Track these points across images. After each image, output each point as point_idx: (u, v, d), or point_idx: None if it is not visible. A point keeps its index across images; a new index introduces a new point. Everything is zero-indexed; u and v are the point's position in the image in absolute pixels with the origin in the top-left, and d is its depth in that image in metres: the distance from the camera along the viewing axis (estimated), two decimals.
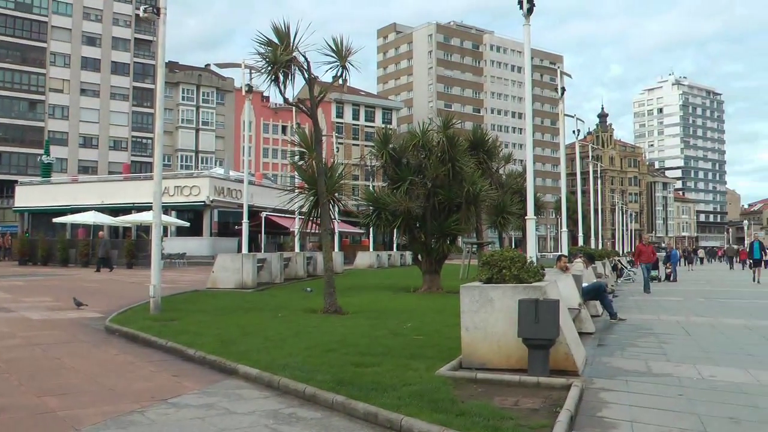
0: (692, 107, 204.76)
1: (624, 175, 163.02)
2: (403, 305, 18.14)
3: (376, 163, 25.52)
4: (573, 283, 13.68)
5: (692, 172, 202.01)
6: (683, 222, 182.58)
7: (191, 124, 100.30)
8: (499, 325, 8.81)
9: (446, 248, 24.35)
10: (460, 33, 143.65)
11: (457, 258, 38.37)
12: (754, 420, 6.95)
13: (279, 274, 27.65)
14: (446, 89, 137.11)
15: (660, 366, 9.87)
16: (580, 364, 9.09)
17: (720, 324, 15.64)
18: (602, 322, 15.58)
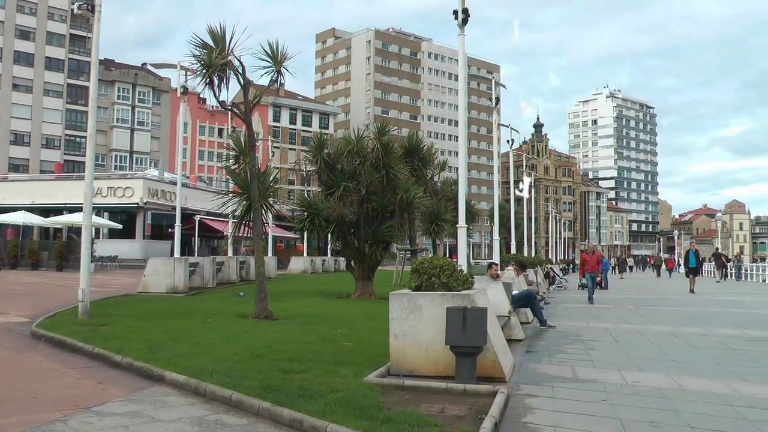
0: (626, 119, 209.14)
1: (558, 185, 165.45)
2: (335, 311, 18.14)
3: (311, 169, 25.45)
4: (503, 291, 13.82)
5: (625, 182, 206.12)
6: (616, 231, 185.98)
7: (126, 123, 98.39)
8: (428, 332, 8.85)
9: (379, 255, 24.39)
10: (398, 40, 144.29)
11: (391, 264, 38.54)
12: (674, 424, 7.10)
13: (211, 279, 27.37)
14: (384, 95, 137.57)
15: (586, 372, 10.03)
16: (507, 371, 9.18)
17: (647, 331, 15.97)
18: (532, 329, 15.77)
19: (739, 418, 7.46)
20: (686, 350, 12.86)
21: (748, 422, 7.28)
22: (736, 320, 19.26)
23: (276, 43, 16.40)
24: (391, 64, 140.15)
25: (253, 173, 16.66)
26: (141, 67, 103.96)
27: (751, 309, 23.59)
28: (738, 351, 12.87)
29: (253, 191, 16.46)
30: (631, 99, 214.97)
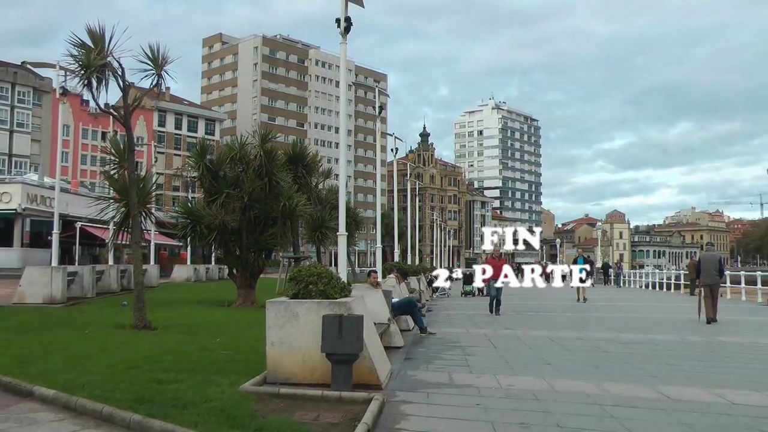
0: (511, 131, 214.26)
1: (444, 194, 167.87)
2: (215, 320, 17.88)
3: (193, 175, 25.05)
4: (383, 299, 13.91)
5: (510, 192, 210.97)
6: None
7: (5, 125, 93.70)
8: (305, 340, 8.83)
9: (261, 262, 24.16)
10: (286, 47, 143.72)
11: (275, 272, 38.24)
12: (543, 424, 7.30)
13: (91, 288, 26.52)
14: (271, 102, 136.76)
15: (462, 377, 10.19)
16: (383, 378, 9.24)
17: (525, 336, 16.35)
18: (413, 336, 15.87)
19: (606, 416, 7.72)
20: (562, 354, 13.22)
21: (614, 419, 7.55)
22: (613, 324, 19.95)
23: (157, 46, 16.06)
24: (279, 71, 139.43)
25: (131, 179, 16.25)
26: (21, 65, 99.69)
27: (627, 314, 24.51)
28: (611, 354, 13.34)
29: (132, 197, 16.04)
30: (516, 111, 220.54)
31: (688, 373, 10.99)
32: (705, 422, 7.55)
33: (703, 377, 10.54)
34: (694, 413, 7.96)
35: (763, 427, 7.39)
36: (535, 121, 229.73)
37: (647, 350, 14.03)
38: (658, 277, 52.93)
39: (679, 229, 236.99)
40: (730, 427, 7.37)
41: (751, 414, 7.98)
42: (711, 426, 7.42)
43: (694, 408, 8.24)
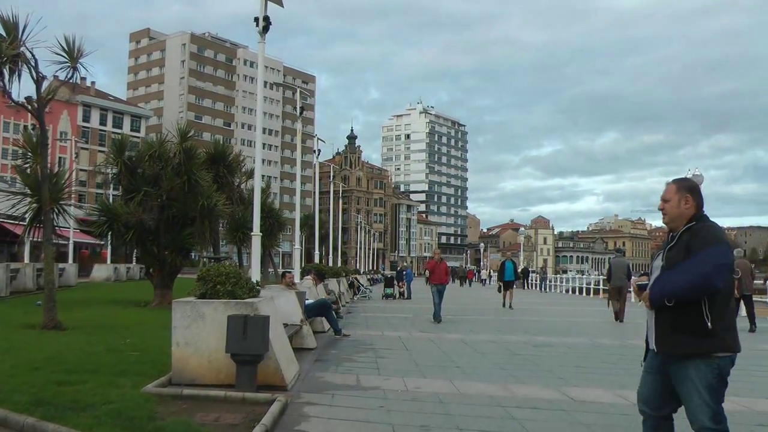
0: (438, 135, 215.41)
1: (370, 196, 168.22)
2: (129, 320, 17.51)
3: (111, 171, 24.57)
4: (296, 300, 13.86)
5: (436, 196, 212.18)
6: (425, 243, 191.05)
7: None
8: (211, 340, 8.73)
9: (179, 262, 23.78)
10: (214, 45, 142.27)
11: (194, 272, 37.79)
12: (444, 427, 7.32)
13: (5, 287, 25.80)
14: (198, 101, 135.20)
15: (370, 380, 10.20)
16: (289, 380, 9.19)
17: (439, 339, 16.43)
18: (326, 338, 15.86)
19: (507, 417, 7.81)
20: (473, 357, 13.34)
21: (515, 421, 7.64)
22: (527, 328, 20.23)
23: (72, 38, 15.69)
24: (206, 69, 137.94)
25: (44, 174, 15.84)
26: None
27: (544, 317, 24.89)
28: (522, 356, 13.53)
29: (44, 193, 15.64)
30: (443, 116, 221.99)
31: (594, 375, 11.25)
32: (603, 422, 7.70)
33: (608, 379, 10.78)
34: (594, 414, 8.12)
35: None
36: (463, 126, 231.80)
37: (558, 353, 14.28)
38: (579, 282, 54.06)
39: (602, 235, 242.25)
40: (627, 427, 7.48)
41: None
42: (609, 426, 7.58)
43: (595, 409, 8.41)
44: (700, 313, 4.43)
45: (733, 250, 5.58)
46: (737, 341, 4.60)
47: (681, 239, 4.65)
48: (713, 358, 4.47)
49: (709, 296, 4.42)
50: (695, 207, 4.73)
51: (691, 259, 4.47)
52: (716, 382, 4.49)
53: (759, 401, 9.21)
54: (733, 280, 4.51)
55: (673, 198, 4.76)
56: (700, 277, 4.36)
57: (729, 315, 4.56)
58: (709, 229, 4.58)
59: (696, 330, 4.44)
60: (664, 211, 4.81)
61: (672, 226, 4.79)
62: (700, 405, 4.50)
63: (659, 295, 4.57)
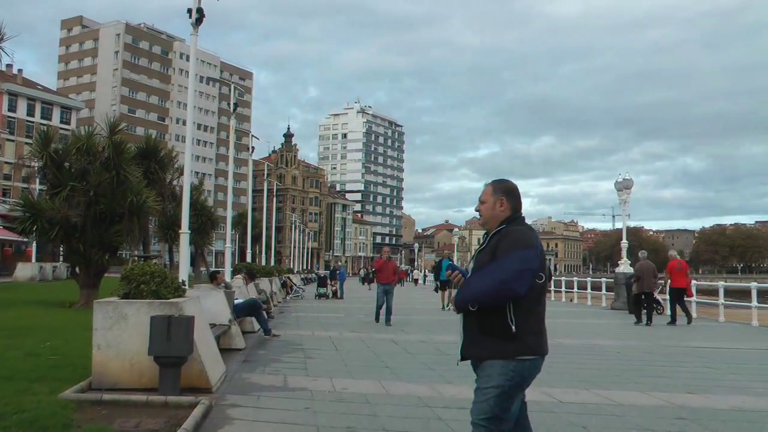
0: (375, 135, 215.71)
1: (306, 195, 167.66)
2: (52, 322, 16.86)
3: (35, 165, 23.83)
4: (224, 300, 13.63)
5: (371, 196, 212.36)
6: (360, 243, 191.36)
7: None
8: (133, 342, 8.47)
9: (106, 261, 23.10)
10: (150, 36, 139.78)
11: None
12: (369, 428, 7.27)
13: None
14: (132, 94, 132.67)
15: (297, 380, 10.06)
16: (214, 382, 9.00)
17: (369, 339, 16.36)
18: (256, 338, 15.68)
19: (434, 418, 7.79)
20: (403, 357, 13.30)
21: (441, 421, 7.63)
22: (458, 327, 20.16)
23: None
24: (141, 61, 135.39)
25: None
26: None
27: None
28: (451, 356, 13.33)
29: None
30: (381, 116, 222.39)
31: None
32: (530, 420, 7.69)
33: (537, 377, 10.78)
34: None
35: (585, 422, 7.66)
36: (400, 126, 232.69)
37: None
38: None
39: None
40: (554, 424, 7.59)
41: (575, 411, 8.25)
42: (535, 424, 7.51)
43: None
44: (504, 316, 4.34)
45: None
46: (542, 344, 4.54)
47: (490, 242, 4.55)
48: (513, 361, 4.38)
49: (513, 301, 4.34)
50: (510, 209, 4.62)
51: (495, 264, 4.37)
52: (509, 386, 4.41)
53: (679, 395, 9.39)
54: (539, 284, 4.39)
55: (489, 200, 4.65)
56: (501, 283, 4.27)
57: (535, 318, 4.47)
58: (516, 233, 4.47)
59: (500, 333, 4.36)
60: (480, 213, 4.70)
61: (487, 228, 4.67)
62: (482, 403, 4.47)
63: (463, 300, 4.48)
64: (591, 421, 7.76)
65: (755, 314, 22.69)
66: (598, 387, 9.96)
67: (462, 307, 4.51)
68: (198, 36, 14.88)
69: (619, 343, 16.96)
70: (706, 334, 20.18)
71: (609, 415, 8.16)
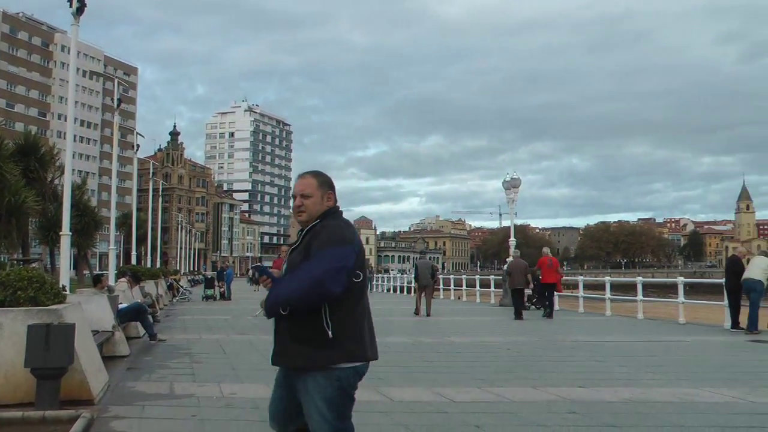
0: (263, 134, 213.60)
1: (192, 195, 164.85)
2: None
3: None
4: (107, 304, 13.13)
5: (259, 195, 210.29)
6: (248, 243, 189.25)
7: None
8: (9, 353, 7.93)
9: None
10: (29, 27, 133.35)
11: None
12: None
13: None
14: (10, 87, 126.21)
15: (184, 387, 9.73)
16: (97, 392, 8.58)
17: (257, 340, 15.96)
18: (141, 344, 15.19)
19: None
20: None
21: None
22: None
23: None
24: (20, 53, 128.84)
25: None
26: None
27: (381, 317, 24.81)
28: None
29: None
30: (269, 114, 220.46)
31: (414, 374, 11.27)
32: (422, 422, 7.67)
33: (428, 377, 10.85)
34: (413, 413, 8.08)
35: (478, 421, 7.62)
36: (288, 125, 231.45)
37: (378, 352, 14.23)
38: (400, 282, 55.18)
39: (424, 235, 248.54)
40: (446, 425, 7.54)
41: (468, 410, 8.21)
42: (427, 425, 7.55)
43: (413, 408, 8.37)
44: (320, 320, 3.97)
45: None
46: (365, 349, 4.19)
47: (304, 239, 4.17)
48: (334, 369, 4.04)
49: (329, 303, 3.98)
50: (334, 203, 4.30)
51: (307, 262, 4.00)
52: (337, 395, 4.08)
53: (570, 390, 9.52)
54: (356, 284, 4.04)
55: (316, 194, 4.23)
56: (314, 282, 3.89)
57: (355, 322, 4.13)
58: (332, 228, 4.11)
59: (315, 340, 3.98)
60: (303, 208, 4.23)
61: (309, 225, 4.25)
62: (319, 421, 4.06)
63: (274, 303, 4.05)
64: (484, 419, 7.74)
65: (641, 307, 23.60)
66: (490, 384, 10.01)
67: (272, 311, 4.07)
68: (80, 27, 14.31)
69: (509, 339, 17.23)
70: (594, 327, 20.83)
71: (502, 412, 8.18)
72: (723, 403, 8.77)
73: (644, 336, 18.31)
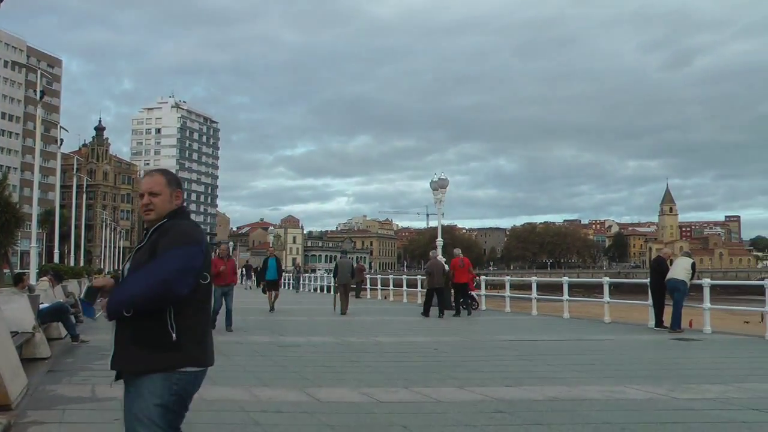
0: (190, 131, 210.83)
1: (118, 192, 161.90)
2: None
3: None
4: (28, 305, 12.79)
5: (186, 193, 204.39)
6: None
7: None
8: None
9: None
10: None
11: None
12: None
13: None
14: None
15: (106, 390, 9.39)
16: (14, 397, 8.31)
17: None
18: (63, 345, 14.83)
19: (250, 422, 7.59)
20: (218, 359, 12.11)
21: (258, 426, 7.44)
22: (274, 327, 20.02)
23: None
24: None
25: None
26: None
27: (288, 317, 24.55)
28: (268, 357, 13.40)
29: None
30: (196, 111, 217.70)
31: (341, 374, 11.29)
32: (348, 422, 7.68)
33: (354, 377, 10.86)
34: (339, 414, 8.09)
35: (405, 421, 7.65)
36: (215, 122, 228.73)
37: (304, 352, 14.29)
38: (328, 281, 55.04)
39: (351, 235, 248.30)
40: (372, 425, 7.56)
41: (395, 410, 8.26)
42: (354, 426, 7.58)
43: (340, 409, 8.39)
44: (164, 323, 3.82)
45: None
46: (208, 354, 4.05)
47: (150, 238, 4.01)
48: (175, 373, 3.88)
49: (175, 305, 3.84)
50: (182, 202, 4.18)
51: (153, 262, 3.84)
52: (174, 402, 3.92)
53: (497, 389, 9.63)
54: (203, 285, 3.94)
55: (165, 192, 4.09)
56: (159, 283, 3.73)
57: (200, 325, 4.03)
58: (180, 228, 3.98)
59: (158, 343, 3.82)
60: (151, 207, 4.06)
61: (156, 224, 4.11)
62: (148, 424, 3.88)
63: (117, 304, 3.85)
64: (411, 420, 7.78)
65: (567, 307, 24.08)
66: (417, 384, 10.04)
67: (115, 313, 3.87)
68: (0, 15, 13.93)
69: (436, 339, 17.32)
70: (520, 327, 21.14)
71: (429, 412, 8.23)
72: (647, 399, 9.00)
73: (570, 335, 18.65)
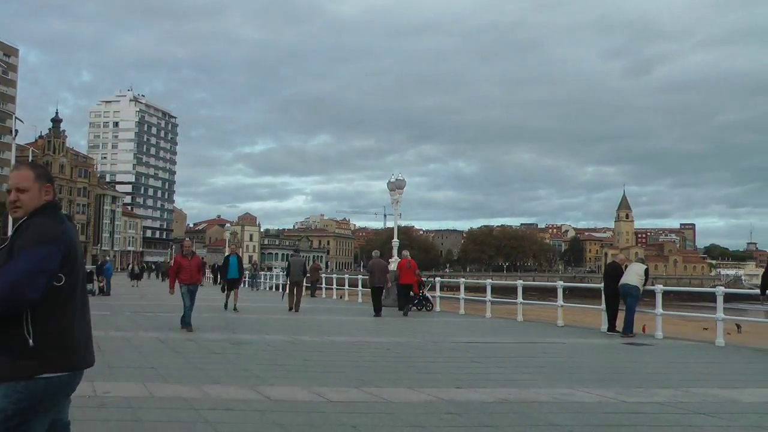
0: (148, 125, 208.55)
1: (74, 185, 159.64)
2: None
3: None
4: None
5: (143, 188, 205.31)
6: (130, 237, 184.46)
7: None
8: None
9: None
10: None
11: None
12: None
13: None
14: None
15: None
16: None
17: (135, 337, 15.64)
18: None
19: (200, 420, 7.45)
20: (170, 356, 12.81)
21: (207, 424, 7.30)
22: (228, 325, 19.93)
23: None
24: None
25: None
26: None
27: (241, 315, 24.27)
28: (220, 355, 13.19)
29: None
30: (154, 105, 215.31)
31: (292, 373, 11.20)
32: (298, 421, 7.57)
33: (306, 376, 10.75)
34: (289, 413, 7.98)
35: (354, 421, 7.59)
36: (174, 118, 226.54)
37: (257, 350, 14.17)
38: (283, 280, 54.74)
39: (308, 234, 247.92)
40: (322, 424, 7.48)
41: (345, 410, 8.18)
42: (304, 425, 7.47)
43: (291, 408, 8.27)
44: (20, 327, 3.52)
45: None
46: (79, 356, 3.75)
47: (12, 237, 3.72)
48: (24, 380, 3.52)
49: (31, 309, 3.53)
50: (53, 197, 3.89)
51: (8, 264, 3.55)
52: (16, 410, 3.52)
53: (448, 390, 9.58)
54: (62, 288, 3.57)
55: (33, 187, 3.80)
56: (7, 287, 3.44)
57: (60, 329, 3.65)
58: (38, 227, 3.66)
59: (13, 349, 3.53)
60: (18, 204, 3.78)
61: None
62: None
63: None
64: (361, 420, 7.72)
65: (521, 310, 24.20)
66: (369, 385, 9.99)
67: None
68: None
69: (389, 339, 17.28)
70: (474, 329, 21.18)
71: (379, 413, 8.16)
72: (597, 402, 9.00)
73: (523, 338, 18.73)
